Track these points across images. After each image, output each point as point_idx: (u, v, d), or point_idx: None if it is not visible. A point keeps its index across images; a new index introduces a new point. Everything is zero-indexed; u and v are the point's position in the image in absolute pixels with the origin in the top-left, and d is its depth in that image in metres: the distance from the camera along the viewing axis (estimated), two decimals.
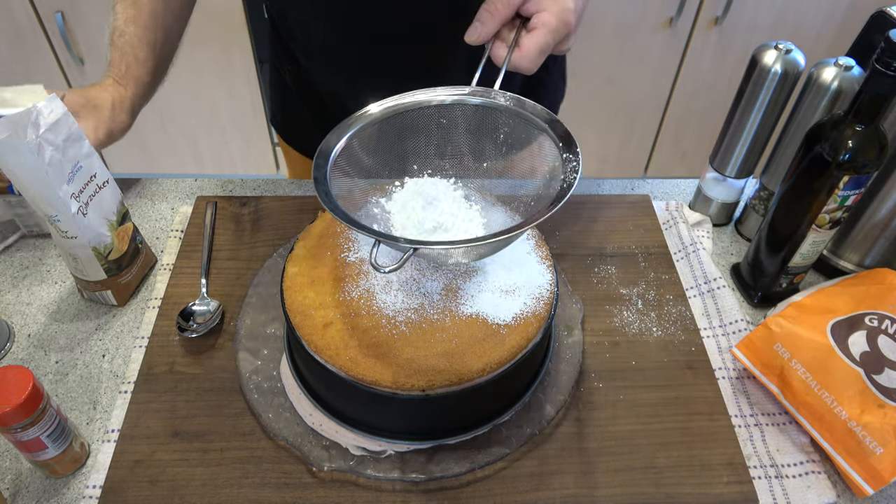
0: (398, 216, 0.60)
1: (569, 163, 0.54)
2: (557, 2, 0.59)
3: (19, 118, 0.59)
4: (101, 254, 0.68)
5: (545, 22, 0.59)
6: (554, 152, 0.56)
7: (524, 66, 0.59)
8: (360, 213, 0.59)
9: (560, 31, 0.59)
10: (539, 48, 0.58)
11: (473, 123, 0.62)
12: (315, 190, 0.53)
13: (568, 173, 0.54)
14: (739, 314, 0.73)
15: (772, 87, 0.71)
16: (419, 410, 0.58)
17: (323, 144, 0.57)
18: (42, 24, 1.70)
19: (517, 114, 0.59)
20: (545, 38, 0.58)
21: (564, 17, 0.59)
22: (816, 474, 0.61)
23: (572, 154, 0.55)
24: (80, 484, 0.60)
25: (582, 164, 0.53)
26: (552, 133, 0.57)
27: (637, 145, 2.06)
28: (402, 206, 0.61)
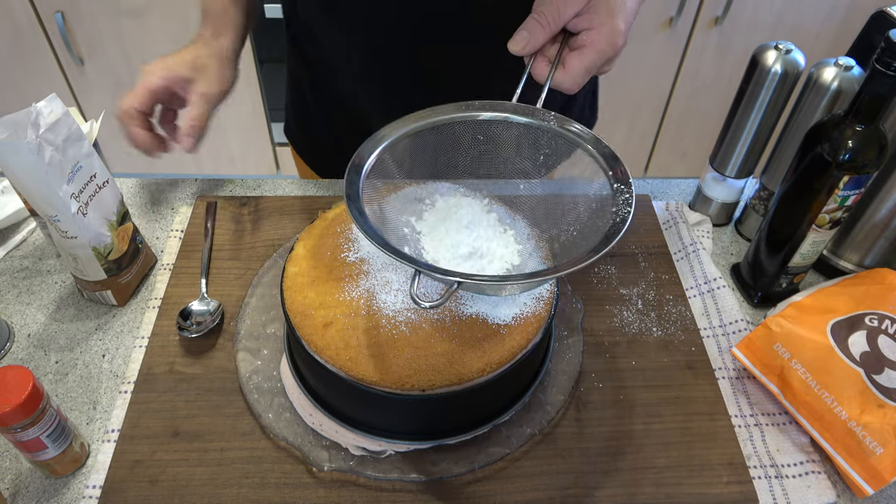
0: (429, 237, 0.57)
1: (621, 194, 0.51)
2: (607, 22, 0.56)
3: (19, 118, 0.59)
4: (101, 254, 0.68)
5: (593, 42, 0.55)
6: (602, 181, 0.53)
7: (567, 86, 0.56)
8: (390, 232, 0.56)
9: (607, 53, 0.56)
10: (585, 69, 0.56)
11: (514, 141, 0.59)
12: (347, 208, 0.50)
13: (621, 206, 0.50)
14: (739, 314, 0.73)
15: (772, 87, 0.71)
16: (419, 410, 0.58)
17: (355, 157, 0.54)
18: (42, 24, 1.70)
19: (561, 135, 0.56)
20: (592, 58, 0.55)
21: (613, 38, 0.56)
22: (816, 474, 0.61)
23: (625, 185, 0.52)
24: (80, 484, 0.60)
25: (635, 196, 0.51)
26: (602, 161, 0.54)
27: (637, 145, 2.06)
28: (433, 226, 0.58)
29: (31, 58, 1.76)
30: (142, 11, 1.68)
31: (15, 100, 1.83)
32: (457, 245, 0.56)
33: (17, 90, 1.82)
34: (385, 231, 0.53)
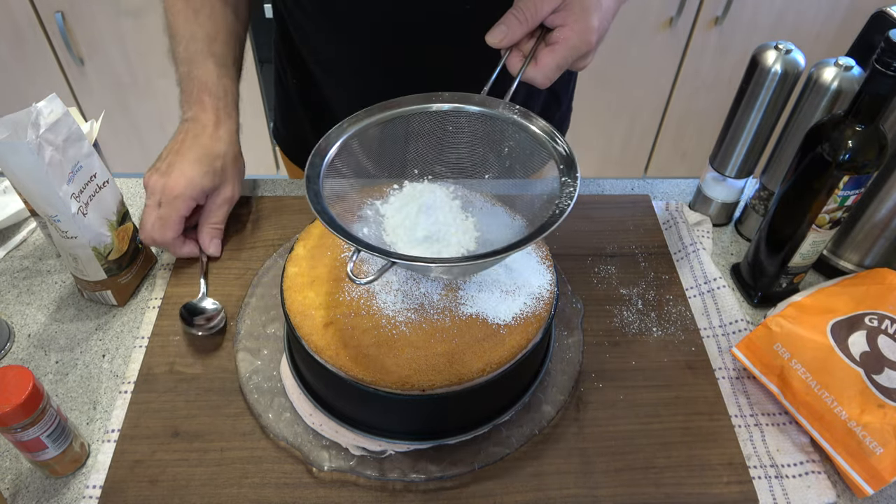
0: (391, 220, 0.59)
1: (566, 187, 0.52)
2: (581, 19, 0.57)
3: (19, 118, 0.59)
4: (101, 254, 0.68)
5: (566, 38, 0.57)
6: (554, 174, 0.55)
7: (539, 80, 0.58)
8: (354, 215, 0.58)
9: (579, 49, 0.57)
10: (557, 64, 0.57)
11: (479, 133, 0.60)
12: (306, 190, 0.52)
13: (563, 199, 0.52)
14: (739, 314, 0.73)
15: (772, 87, 0.71)
16: (419, 410, 0.58)
17: (321, 142, 0.56)
18: (42, 24, 1.70)
19: (524, 128, 0.57)
20: (564, 54, 0.57)
21: (586, 35, 0.57)
22: (816, 474, 0.61)
23: (571, 179, 0.53)
24: (80, 484, 0.60)
25: (578, 191, 0.52)
26: (555, 153, 0.55)
27: (637, 145, 2.06)
28: (397, 210, 0.59)
29: (31, 58, 1.76)
30: (142, 11, 1.68)
31: (15, 100, 1.83)
32: (414, 228, 0.57)
33: (17, 90, 1.82)
34: (345, 212, 0.55)
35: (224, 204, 0.76)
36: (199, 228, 0.76)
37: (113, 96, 1.85)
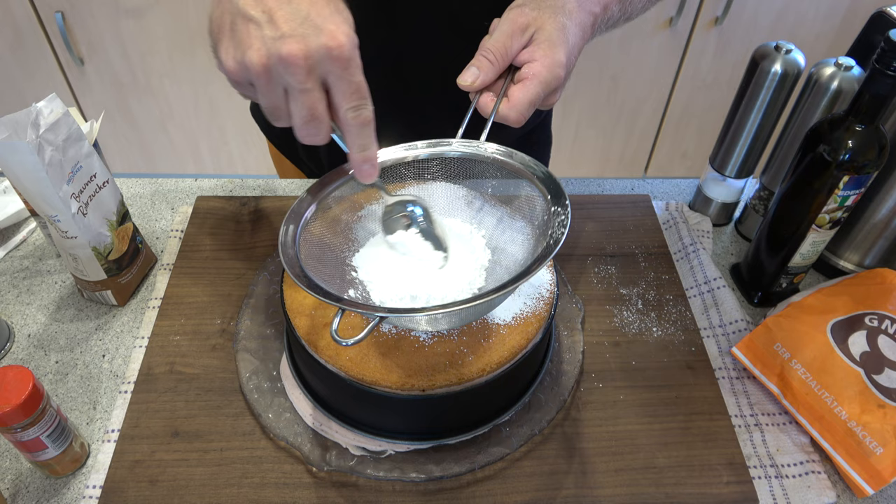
0: (374, 281, 0.57)
1: (556, 216, 0.52)
2: (549, 54, 0.55)
3: (19, 118, 0.59)
4: (101, 254, 0.68)
5: (536, 73, 0.55)
6: (542, 205, 0.54)
7: (512, 118, 0.55)
8: (329, 271, 0.55)
9: (550, 84, 0.55)
10: (529, 100, 0.55)
11: (457, 177, 0.59)
12: (280, 254, 0.50)
13: (556, 228, 0.51)
14: (739, 314, 0.73)
15: (772, 87, 0.71)
16: (419, 410, 0.58)
17: (295, 206, 0.55)
18: (42, 24, 1.70)
19: (504, 165, 0.56)
20: (535, 89, 0.55)
21: (555, 70, 0.55)
22: (816, 474, 0.61)
23: (561, 207, 0.52)
24: (80, 484, 0.60)
25: (570, 219, 0.51)
26: (541, 185, 0.54)
27: (637, 145, 2.06)
28: (379, 261, 0.58)
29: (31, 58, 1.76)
30: (142, 11, 1.68)
31: (15, 100, 1.83)
32: (400, 282, 0.56)
33: (17, 90, 1.82)
34: (326, 271, 0.54)
35: None
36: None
37: (113, 96, 1.85)
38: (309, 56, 0.44)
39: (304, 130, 0.48)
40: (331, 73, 0.45)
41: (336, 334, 0.45)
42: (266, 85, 0.46)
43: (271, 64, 0.44)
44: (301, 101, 0.46)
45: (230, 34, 0.46)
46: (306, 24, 0.44)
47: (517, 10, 0.57)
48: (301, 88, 0.45)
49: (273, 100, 0.47)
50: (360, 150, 0.49)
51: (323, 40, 0.44)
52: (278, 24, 0.44)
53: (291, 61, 0.44)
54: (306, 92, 0.45)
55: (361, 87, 0.47)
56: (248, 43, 0.45)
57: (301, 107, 0.46)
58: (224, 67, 0.47)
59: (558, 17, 0.56)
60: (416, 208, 0.58)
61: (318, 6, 0.45)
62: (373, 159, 0.51)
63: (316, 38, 0.44)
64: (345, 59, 0.45)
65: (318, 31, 0.44)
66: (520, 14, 0.56)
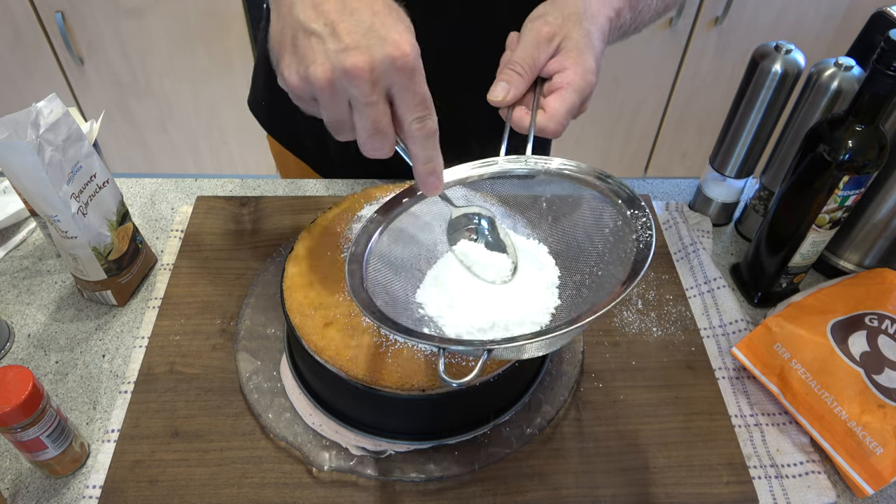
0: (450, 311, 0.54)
1: (637, 219, 0.49)
2: (579, 62, 0.54)
3: (19, 118, 0.59)
4: (101, 254, 0.68)
5: (570, 81, 0.54)
6: (612, 213, 0.52)
7: (551, 130, 0.53)
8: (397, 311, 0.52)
9: (584, 91, 0.54)
10: (567, 109, 0.53)
11: (517, 196, 0.57)
12: (355, 300, 0.48)
13: (641, 231, 0.48)
14: (739, 314, 0.73)
15: (772, 87, 0.71)
16: (419, 410, 0.58)
17: (353, 248, 0.52)
18: (42, 24, 1.70)
19: (565, 177, 0.54)
20: (571, 98, 0.53)
21: (587, 77, 0.54)
22: (816, 474, 0.61)
23: (637, 209, 0.50)
24: (80, 484, 0.60)
25: (654, 221, 0.49)
26: (607, 190, 0.53)
27: (637, 145, 2.06)
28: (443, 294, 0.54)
29: (31, 58, 1.76)
30: (142, 11, 1.68)
31: (15, 100, 1.83)
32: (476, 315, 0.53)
33: (17, 90, 1.82)
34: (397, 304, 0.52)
35: None
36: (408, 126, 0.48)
37: (113, 96, 1.85)
38: (374, 68, 0.43)
39: (369, 144, 0.46)
40: (395, 84, 0.44)
41: (444, 375, 0.43)
42: (330, 99, 0.45)
43: (335, 78, 0.43)
44: (366, 115, 0.44)
45: (292, 49, 0.45)
46: (370, 35, 0.43)
47: (539, 20, 0.56)
48: (366, 101, 0.44)
49: (337, 114, 0.46)
50: (425, 161, 0.48)
51: (388, 51, 0.43)
52: (341, 37, 0.43)
53: (356, 74, 0.42)
54: (371, 105, 0.44)
55: (426, 98, 0.46)
56: (312, 58, 0.44)
57: (366, 120, 0.45)
58: (287, 83, 0.46)
59: (583, 23, 0.55)
60: (482, 220, 0.56)
61: (380, 16, 0.44)
62: (439, 171, 0.49)
63: (380, 49, 0.43)
64: (409, 68, 0.44)
65: (382, 42, 0.43)
66: (543, 24, 0.55)
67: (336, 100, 0.45)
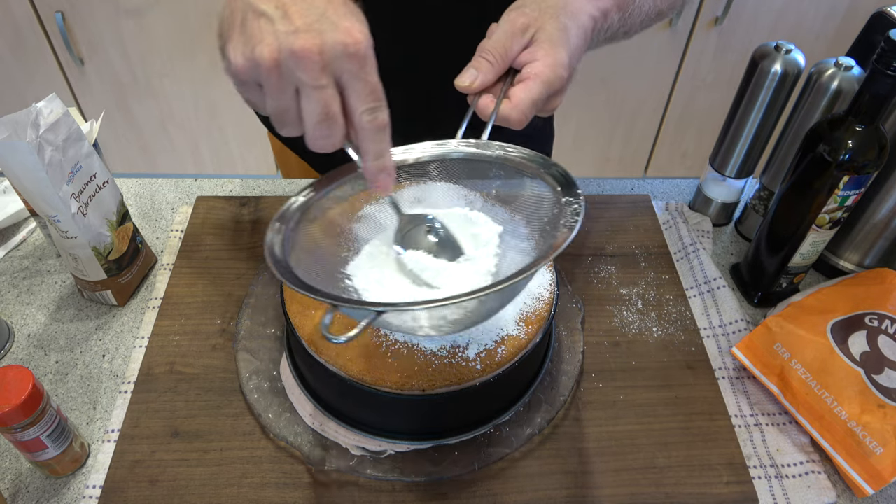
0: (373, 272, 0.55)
1: (569, 206, 0.50)
2: (550, 54, 0.53)
3: (19, 118, 0.59)
4: (101, 254, 0.68)
5: (538, 73, 0.53)
6: (552, 200, 0.52)
7: (514, 119, 0.53)
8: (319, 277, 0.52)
9: (553, 85, 0.53)
10: (531, 100, 0.52)
11: (460, 178, 0.58)
12: (266, 254, 0.48)
13: (569, 217, 0.49)
14: (739, 314, 0.73)
15: (772, 87, 0.71)
16: (419, 410, 0.58)
17: (286, 205, 0.53)
18: (42, 24, 1.70)
19: (507, 161, 0.55)
20: (538, 89, 0.52)
21: (558, 70, 0.53)
22: (816, 474, 0.61)
23: (573, 196, 0.50)
24: (80, 484, 0.60)
25: (584, 207, 0.49)
26: (551, 179, 0.53)
27: (637, 145, 2.06)
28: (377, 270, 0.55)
29: (31, 58, 1.76)
30: (142, 11, 1.68)
31: (15, 100, 1.83)
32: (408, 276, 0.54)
33: (17, 90, 1.82)
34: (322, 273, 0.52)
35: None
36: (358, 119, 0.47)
37: (113, 96, 1.85)
38: (324, 52, 0.42)
39: (317, 131, 0.45)
40: (346, 72, 0.43)
41: (327, 331, 0.42)
42: (276, 83, 0.43)
43: (283, 59, 0.42)
44: (315, 99, 0.43)
45: (240, 29, 0.44)
46: (323, 20, 0.42)
47: (516, 10, 0.56)
48: (315, 85, 0.42)
49: (282, 101, 0.44)
50: (375, 157, 0.47)
51: (339, 37, 0.42)
52: (292, 19, 0.42)
53: (305, 56, 0.41)
54: (321, 89, 0.43)
55: (377, 89, 0.45)
56: (259, 37, 0.42)
57: (315, 105, 0.43)
58: (231, 65, 0.45)
59: (560, 17, 0.55)
60: (433, 224, 0.56)
61: (335, 4, 0.43)
62: (389, 168, 0.47)
63: (332, 34, 0.42)
64: (361, 56, 0.43)
65: (334, 28, 0.42)
66: (520, 14, 0.55)
67: (282, 84, 0.43)
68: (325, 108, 0.43)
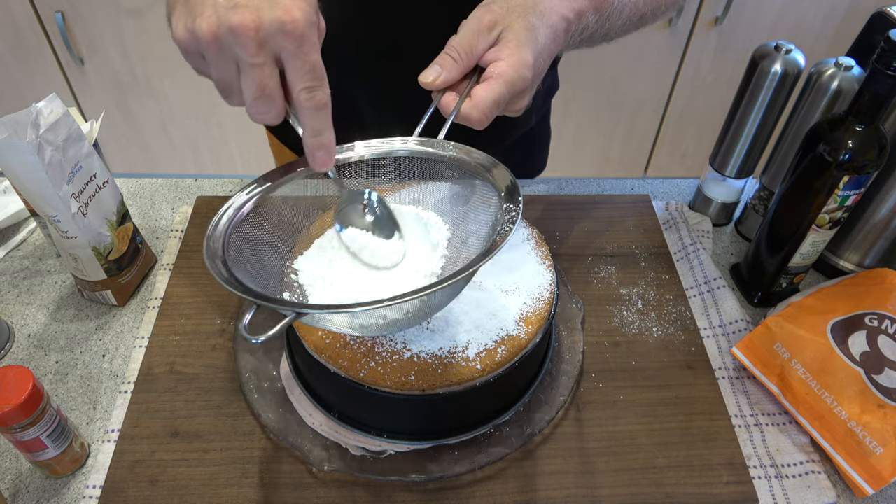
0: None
1: (508, 213, 0.48)
2: (515, 53, 0.52)
3: (19, 118, 0.59)
4: (101, 254, 0.68)
5: (501, 72, 0.52)
6: (495, 202, 0.51)
7: (474, 118, 0.52)
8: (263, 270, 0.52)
9: (516, 85, 0.52)
10: (493, 99, 0.51)
11: (408, 177, 0.57)
12: (203, 246, 0.47)
13: (504, 225, 0.48)
14: (739, 314, 0.73)
15: (772, 87, 0.71)
16: (419, 410, 0.58)
17: (235, 196, 0.52)
18: (42, 24, 1.69)
19: (460, 163, 0.54)
20: (500, 89, 0.52)
21: (521, 70, 0.52)
22: (816, 474, 0.61)
23: (513, 204, 0.49)
24: (80, 484, 0.60)
25: (521, 215, 0.48)
26: (498, 182, 0.52)
27: (637, 145, 2.06)
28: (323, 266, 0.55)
29: (31, 58, 1.76)
30: (142, 11, 1.68)
31: (15, 100, 1.83)
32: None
33: (17, 90, 1.82)
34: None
35: (322, 36, 0.49)
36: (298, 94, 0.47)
37: (113, 96, 1.85)
38: (260, 28, 0.42)
39: (254, 107, 0.45)
40: (284, 50, 0.43)
41: (244, 330, 0.42)
42: (216, 56, 0.44)
43: (221, 34, 0.42)
44: (251, 76, 0.44)
45: (184, 2, 0.45)
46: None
47: (485, 7, 0.55)
48: (252, 62, 0.43)
49: (223, 73, 0.45)
50: (313, 134, 0.47)
51: (277, 14, 0.42)
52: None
53: (241, 32, 0.42)
54: (257, 67, 0.43)
55: (316, 68, 0.45)
56: (200, 10, 0.43)
57: (251, 82, 0.44)
58: (175, 37, 0.45)
59: (528, 16, 0.54)
60: (374, 201, 0.55)
61: None
62: (328, 146, 0.48)
63: (270, 12, 0.42)
64: (298, 34, 0.43)
65: (273, 5, 0.42)
66: (487, 12, 0.54)
67: (222, 57, 0.44)
68: (261, 84, 0.44)
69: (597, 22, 0.60)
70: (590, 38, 0.62)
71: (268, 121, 0.46)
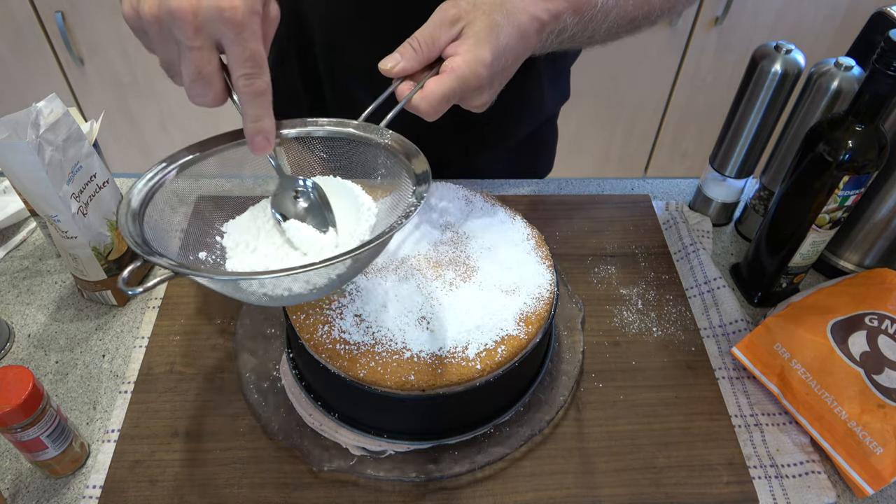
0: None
1: (410, 205, 0.48)
2: (472, 50, 0.52)
3: (19, 118, 0.59)
4: (101, 254, 0.68)
5: (455, 68, 0.52)
6: (409, 191, 0.51)
7: (423, 110, 0.52)
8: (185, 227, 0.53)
9: (469, 82, 0.52)
10: (442, 93, 0.52)
11: (332, 157, 0.57)
12: (122, 194, 0.47)
13: (409, 208, 0.48)
14: (739, 314, 0.73)
15: (772, 87, 0.71)
16: (419, 410, 0.58)
17: (173, 153, 0.52)
18: (42, 24, 1.69)
19: (385, 148, 0.54)
20: (450, 84, 0.52)
21: (476, 67, 0.52)
22: (816, 474, 0.61)
23: (416, 197, 0.49)
24: (80, 484, 0.60)
25: (421, 207, 0.48)
26: (414, 170, 0.51)
27: (637, 145, 2.06)
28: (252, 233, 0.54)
29: (31, 58, 1.76)
30: None
31: (15, 100, 1.83)
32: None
33: (17, 90, 1.82)
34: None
35: (272, 25, 0.51)
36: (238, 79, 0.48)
37: (113, 96, 1.85)
38: (198, 13, 0.43)
39: (192, 90, 0.46)
40: (224, 36, 0.44)
41: (123, 282, 0.43)
42: (158, 36, 0.45)
43: (161, 15, 0.43)
44: (189, 59, 0.45)
45: None
46: None
47: (452, 1, 0.54)
48: (189, 46, 0.44)
49: (166, 54, 0.46)
50: (252, 119, 0.48)
51: (215, 0, 0.43)
52: None
53: (179, 15, 0.43)
54: (195, 50, 0.44)
55: (256, 56, 0.45)
56: None
57: (188, 64, 0.45)
58: (123, 13, 0.46)
59: (493, 14, 0.54)
60: (309, 189, 0.55)
61: None
62: (266, 131, 0.49)
63: None
64: (237, 22, 0.43)
65: None
66: (453, 6, 0.54)
67: (163, 38, 0.45)
68: (197, 68, 0.45)
69: (577, 24, 0.59)
70: (571, 40, 0.61)
71: (206, 104, 0.47)
